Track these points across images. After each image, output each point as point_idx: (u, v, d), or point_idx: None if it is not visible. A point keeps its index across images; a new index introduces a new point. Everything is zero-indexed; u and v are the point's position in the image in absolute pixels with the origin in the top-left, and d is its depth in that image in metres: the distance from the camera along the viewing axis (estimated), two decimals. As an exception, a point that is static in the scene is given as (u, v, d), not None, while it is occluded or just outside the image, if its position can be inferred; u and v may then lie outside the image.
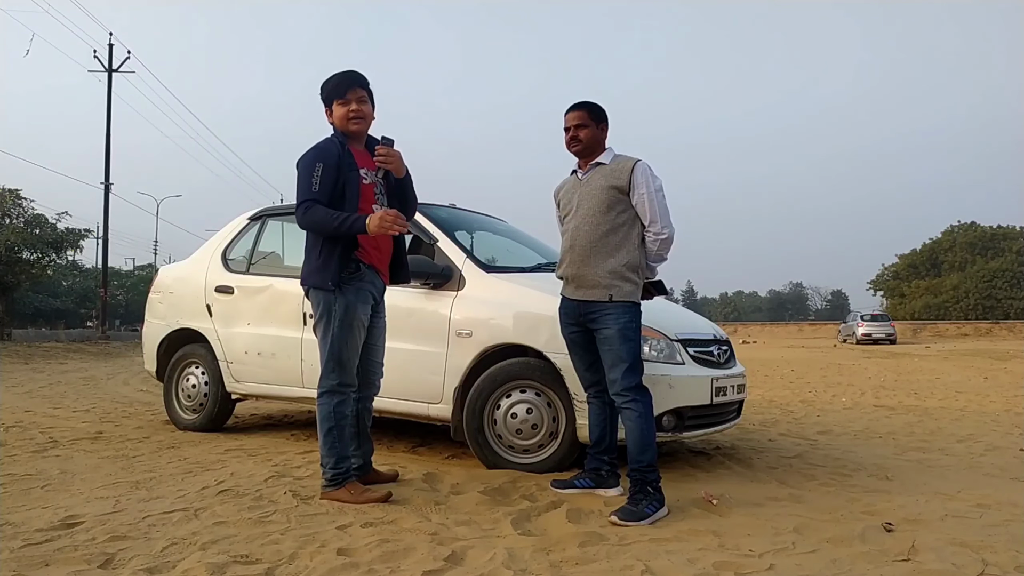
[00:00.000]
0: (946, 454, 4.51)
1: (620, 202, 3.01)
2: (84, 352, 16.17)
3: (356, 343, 3.03)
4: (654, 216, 2.99)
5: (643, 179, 2.99)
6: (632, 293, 2.99)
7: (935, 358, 17.98)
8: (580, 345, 3.13)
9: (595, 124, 3.09)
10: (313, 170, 2.92)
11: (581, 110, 3.09)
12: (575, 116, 3.09)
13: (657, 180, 3.03)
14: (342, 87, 3.05)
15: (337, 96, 3.05)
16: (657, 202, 2.99)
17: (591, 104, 3.12)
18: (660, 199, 3.01)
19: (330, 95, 3.06)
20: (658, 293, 3.26)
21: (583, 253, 3.04)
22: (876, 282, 57.44)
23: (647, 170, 3.02)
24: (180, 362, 4.95)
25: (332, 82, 3.06)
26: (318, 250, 2.99)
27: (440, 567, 2.19)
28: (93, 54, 23.36)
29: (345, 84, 3.05)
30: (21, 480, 3.30)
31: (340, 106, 3.04)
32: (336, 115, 3.05)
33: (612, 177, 3.02)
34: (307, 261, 3.06)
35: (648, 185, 2.99)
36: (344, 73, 3.07)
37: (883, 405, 7.48)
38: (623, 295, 2.97)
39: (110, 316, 35.76)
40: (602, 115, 3.12)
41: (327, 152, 2.98)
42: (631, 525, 2.67)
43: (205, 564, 2.14)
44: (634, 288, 3.00)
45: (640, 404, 2.90)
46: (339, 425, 2.99)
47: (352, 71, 3.07)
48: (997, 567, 2.28)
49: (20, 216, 20.90)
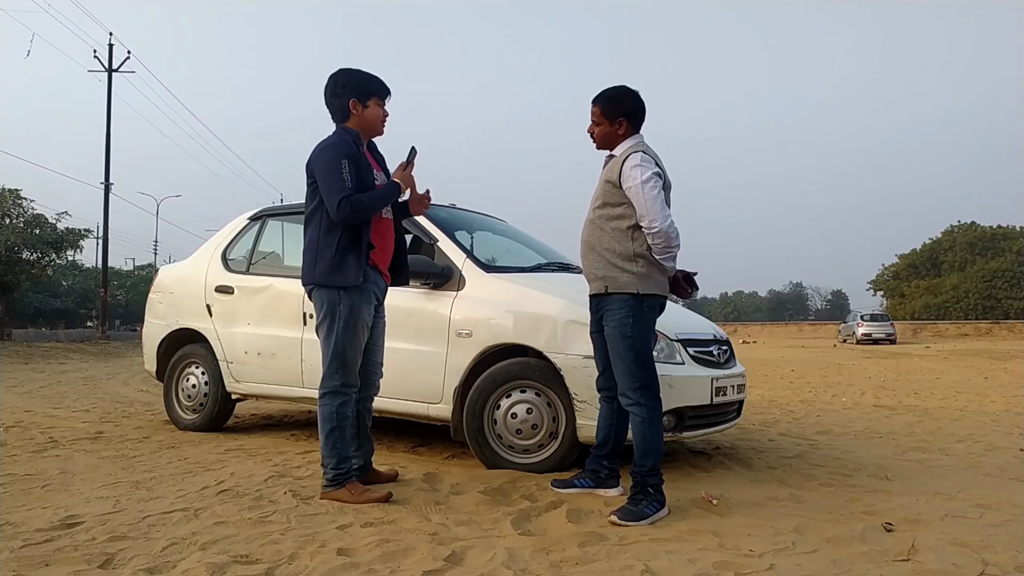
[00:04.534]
0: (946, 454, 4.51)
1: (614, 195, 2.92)
2: (84, 352, 16.16)
3: (360, 344, 3.02)
4: (642, 210, 2.83)
5: (631, 172, 2.85)
6: (630, 284, 2.86)
7: (935, 358, 17.97)
8: (598, 347, 3.07)
9: (608, 122, 3.00)
10: (340, 166, 2.89)
11: (596, 105, 3.03)
12: (592, 111, 3.04)
13: (648, 171, 2.85)
14: (385, 89, 3.08)
15: (380, 95, 3.06)
16: (645, 195, 2.81)
17: (605, 98, 3.02)
18: (648, 191, 2.82)
19: (372, 91, 3.04)
20: (692, 288, 3.08)
21: (583, 248, 3.03)
22: (876, 282, 57.40)
23: (637, 162, 2.87)
24: (180, 362, 4.95)
25: (375, 80, 3.05)
26: (333, 249, 2.92)
27: (440, 567, 2.19)
28: (93, 54, 23.41)
29: (387, 88, 3.09)
30: (21, 480, 3.30)
31: (378, 106, 3.05)
32: (371, 114, 3.03)
33: (609, 171, 2.97)
34: (317, 260, 2.97)
35: (636, 178, 2.83)
36: (380, 77, 3.07)
37: (883, 405, 7.48)
38: (618, 286, 2.88)
39: (110, 316, 35.72)
40: (619, 110, 2.98)
41: (348, 148, 2.96)
42: (631, 525, 2.67)
43: (205, 564, 2.14)
44: (633, 278, 2.86)
45: (644, 408, 2.84)
46: (341, 426, 2.98)
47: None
48: (997, 567, 2.27)
49: (20, 216, 20.91)
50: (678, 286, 3.06)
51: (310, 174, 3.00)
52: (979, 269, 45.67)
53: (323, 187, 2.91)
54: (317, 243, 2.98)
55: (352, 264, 2.93)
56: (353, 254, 2.94)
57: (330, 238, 2.94)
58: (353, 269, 2.93)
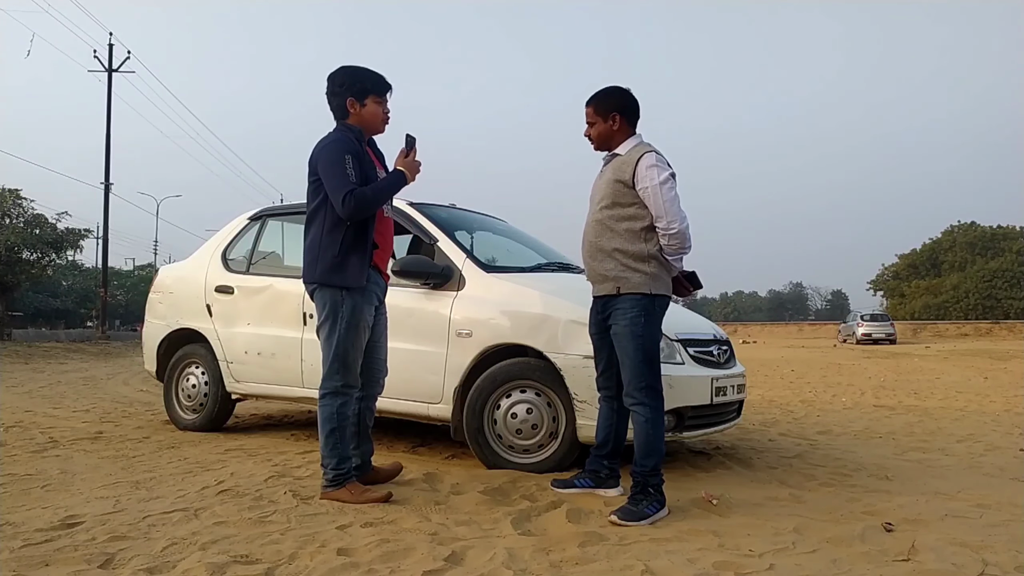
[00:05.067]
0: (946, 454, 4.51)
1: (626, 195, 2.90)
2: (84, 352, 16.16)
3: (361, 344, 3.02)
4: (659, 211, 2.83)
5: (647, 172, 2.84)
6: (643, 284, 2.86)
7: (935, 358, 17.97)
8: (598, 348, 3.07)
9: (603, 119, 3.00)
10: (344, 161, 2.88)
11: (588, 106, 3.03)
12: (586, 112, 3.04)
13: (664, 172, 2.86)
14: (384, 85, 3.03)
15: (378, 92, 3.02)
16: (663, 195, 2.82)
17: (598, 97, 3.03)
18: (667, 192, 2.83)
19: (369, 89, 3.00)
20: (694, 287, 3.10)
21: (590, 248, 3.00)
22: (876, 282, 57.39)
23: (652, 162, 2.86)
24: (180, 362, 4.95)
25: (372, 76, 3.01)
26: (336, 248, 2.90)
27: (440, 567, 2.19)
28: (93, 54, 23.38)
29: (386, 84, 3.04)
30: (21, 480, 3.30)
31: (377, 104, 3.02)
32: (369, 111, 3.01)
33: (619, 170, 2.93)
34: (319, 259, 2.94)
35: (653, 179, 2.83)
36: (380, 73, 3.02)
37: (883, 405, 7.48)
38: (631, 287, 2.87)
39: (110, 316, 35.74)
40: (611, 105, 2.99)
41: (351, 144, 2.94)
42: (631, 525, 2.67)
43: (205, 564, 2.14)
44: (645, 279, 2.87)
45: (647, 409, 2.84)
46: (341, 426, 2.98)
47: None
48: (997, 567, 2.27)
49: (20, 216, 20.93)
50: (680, 285, 3.06)
51: (312, 171, 2.97)
52: (979, 269, 45.66)
53: (327, 183, 2.90)
54: (320, 242, 2.95)
55: (355, 264, 2.93)
56: (356, 255, 2.93)
57: (333, 237, 2.92)
58: (356, 270, 2.93)
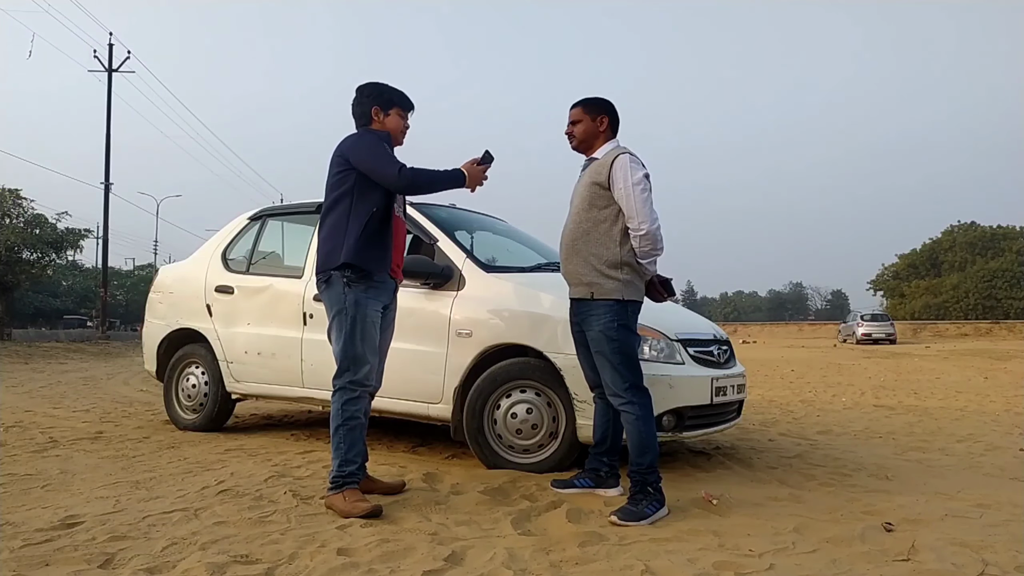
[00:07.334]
0: (946, 454, 4.51)
1: (602, 198, 2.92)
2: (84, 352, 16.17)
3: (372, 341, 2.98)
4: (631, 211, 2.85)
5: (621, 173, 2.86)
6: (615, 290, 2.88)
7: (935, 358, 17.97)
8: (582, 344, 3.09)
9: (591, 118, 3.03)
10: (384, 147, 2.98)
11: (577, 106, 3.07)
12: (572, 112, 3.08)
13: (639, 172, 2.88)
14: (409, 103, 3.17)
15: (403, 106, 3.14)
16: (635, 196, 2.84)
17: (588, 100, 3.07)
18: (639, 193, 2.84)
19: (395, 101, 3.11)
20: (668, 293, 3.14)
21: (567, 251, 3.02)
22: (876, 282, 57.39)
23: (626, 163, 2.88)
24: (180, 362, 4.95)
25: (399, 93, 3.15)
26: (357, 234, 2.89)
27: (440, 567, 2.19)
28: (93, 54, 23.37)
29: (411, 103, 3.17)
30: (21, 480, 3.30)
31: (400, 117, 3.12)
32: (392, 121, 3.10)
33: (596, 173, 2.95)
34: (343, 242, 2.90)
35: (626, 179, 2.85)
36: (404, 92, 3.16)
37: (883, 405, 7.49)
38: (604, 292, 2.89)
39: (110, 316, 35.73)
40: (600, 108, 3.04)
41: (384, 138, 3.04)
42: (631, 525, 2.67)
43: (205, 564, 2.14)
44: (618, 285, 2.88)
45: (636, 406, 2.85)
46: (346, 424, 2.91)
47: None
48: (997, 567, 2.28)
49: (20, 216, 20.92)
50: (653, 290, 3.08)
51: (341, 162, 2.98)
52: (979, 269, 45.66)
53: (374, 163, 2.93)
54: (344, 226, 2.93)
55: (376, 256, 2.96)
56: (377, 250, 2.96)
57: (356, 223, 2.92)
58: (377, 260, 2.96)
